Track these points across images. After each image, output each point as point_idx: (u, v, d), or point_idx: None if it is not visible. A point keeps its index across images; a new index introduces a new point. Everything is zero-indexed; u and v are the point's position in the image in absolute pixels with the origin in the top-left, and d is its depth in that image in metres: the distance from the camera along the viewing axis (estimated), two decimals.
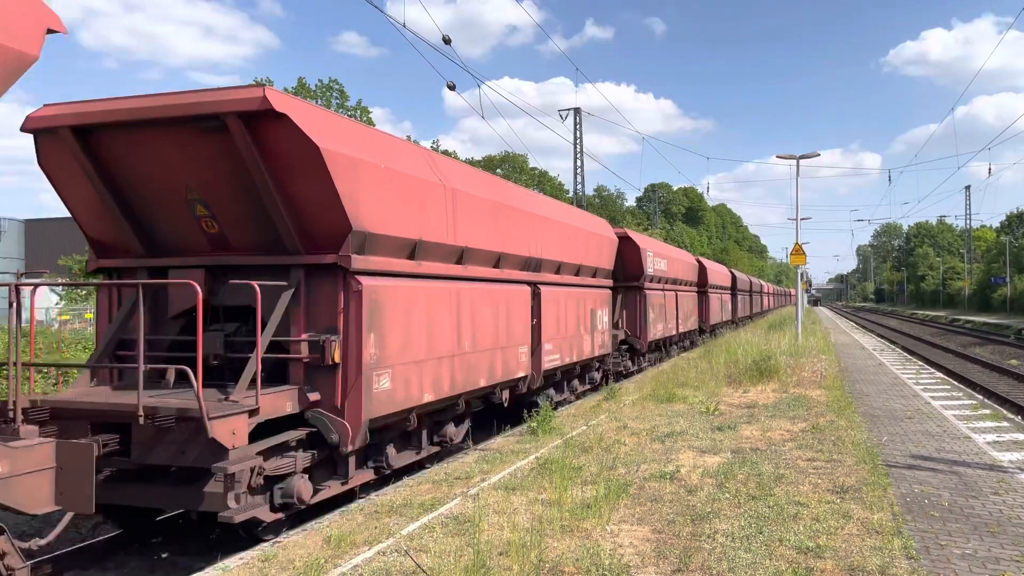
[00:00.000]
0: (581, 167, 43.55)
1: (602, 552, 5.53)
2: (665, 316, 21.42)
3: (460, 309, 9.07)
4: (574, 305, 13.71)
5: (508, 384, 10.82)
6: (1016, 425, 11.20)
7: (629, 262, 18.62)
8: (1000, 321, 51.06)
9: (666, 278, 21.82)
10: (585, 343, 14.37)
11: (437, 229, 8.54)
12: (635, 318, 18.98)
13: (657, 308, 20.32)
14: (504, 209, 10.54)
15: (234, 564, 5.71)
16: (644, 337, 19.16)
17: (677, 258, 24.50)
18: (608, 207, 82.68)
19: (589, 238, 14.88)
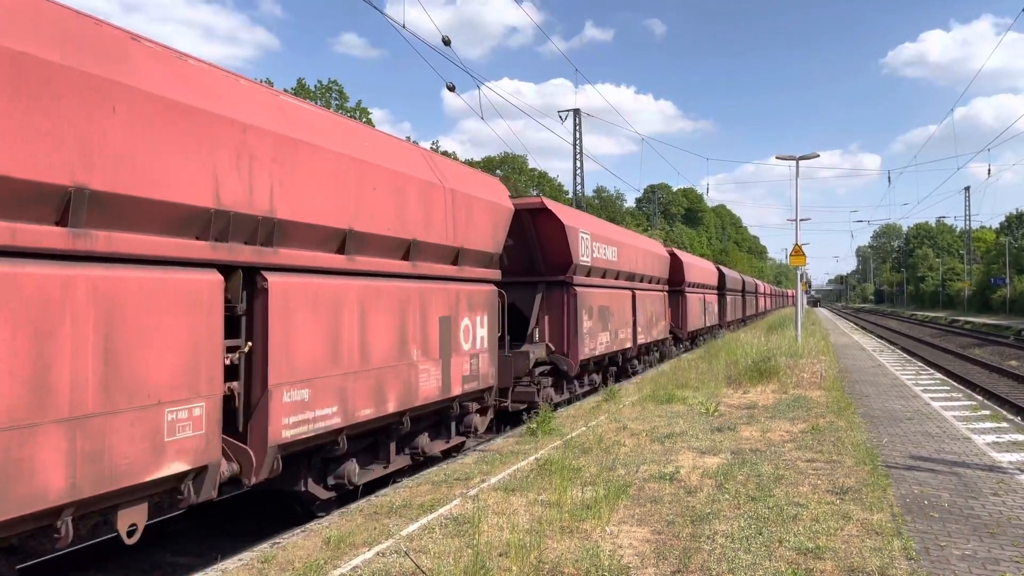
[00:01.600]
0: (580, 168, 43.56)
1: (602, 553, 5.52)
2: (612, 322, 16.05)
3: None
4: (383, 313, 7.55)
5: None
6: (1016, 426, 11.20)
7: (551, 247, 13.34)
8: (1000, 322, 51.08)
9: (617, 271, 16.61)
10: (418, 376, 8.23)
11: None
12: (561, 327, 13.52)
13: (598, 312, 14.96)
14: None
15: (233, 565, 5.71)
16: (574, 354, 13.60)
17: (635, 246, 18.59)
18: (608, 208, 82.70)
19: (445, 201, 8.71)
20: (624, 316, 17.10)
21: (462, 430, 9.90)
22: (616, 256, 16.33)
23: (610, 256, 15.91)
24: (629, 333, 17.61)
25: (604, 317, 15.37)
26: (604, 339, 15.41)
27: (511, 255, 12.39)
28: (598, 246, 14.98)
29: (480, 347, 9.76)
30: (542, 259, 13.44)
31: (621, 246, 16.83)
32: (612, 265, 16.06)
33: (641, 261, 18.90)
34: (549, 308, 13.54)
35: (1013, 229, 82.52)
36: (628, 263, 17.37)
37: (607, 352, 15.83)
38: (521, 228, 12.83)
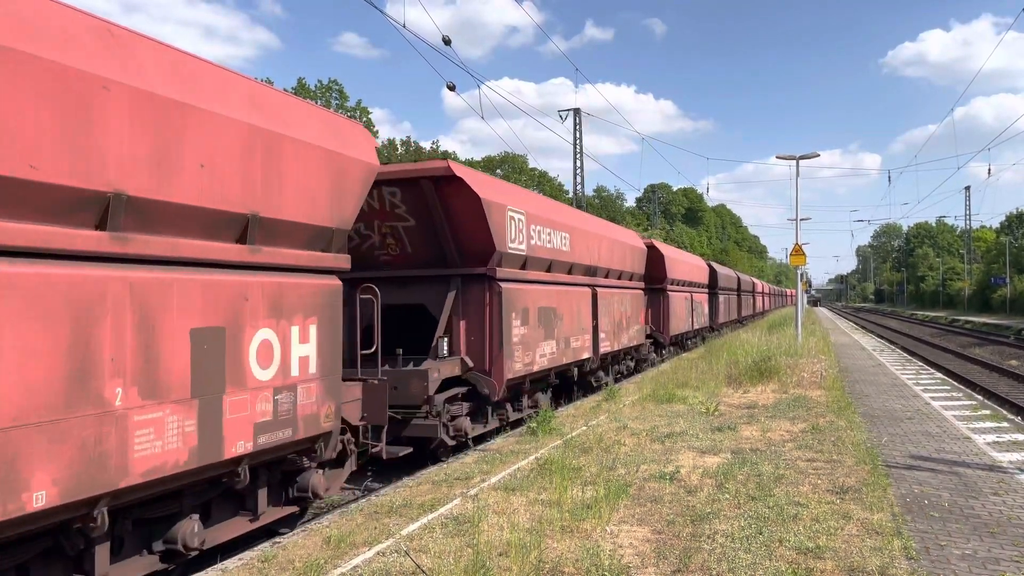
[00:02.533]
0: (581, 168, 43.55)
1: (602, 553, 5.52)
2: (560, 328, 12.55)
3: None
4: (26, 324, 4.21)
5: None
6: (1016, 426, 11.20)
7: (465, 228, 10.07)
8: (1000, 322, 51.07)
9: (570, 264, 13.31)
10: (126, 433, 4.79)
11: None
12: (483, 336, 10.31)
13: (537, 315, 11.49)
14: None
15: (233, 565, 5.71)
16: (499, 371, 10.25)
17: (597, 234, 15.23)
18: (608, 208, 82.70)
19: (217, 134, 5.49)
20: (579, 320, 13.65)
21: (295, 495, 6.92)
22: (568, 244, 13.18)
23: (559, 244, 12.75)
24: (587, 341, 14.17)
25: (548, 322, 11.97)
26: (548, 350, 11.97)
27: (414, 240, 10.05)
28: (540, 230, 11.80)
29: (302, 373, 6.38)
30: (454, 245, 10.04)
31: (575, 233, 13.56)
32: (561, 256, 12.88)
33: (606, 252, 15.74)
34: (466, 311, 10.16)
35: (1013, 229, 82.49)
36: (586, 254, 14.28)
37: (553, 366, 12.35)
38: (425, 204, 9.76)
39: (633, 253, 18.44)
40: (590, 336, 14.48)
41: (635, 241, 19.32)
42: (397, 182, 9.76)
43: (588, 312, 14.38)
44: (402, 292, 10.29)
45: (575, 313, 13.50)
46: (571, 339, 13.26)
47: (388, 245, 10.40)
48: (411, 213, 9.93)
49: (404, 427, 9.35)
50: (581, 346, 13.90)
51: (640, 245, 19.54)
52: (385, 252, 10.43)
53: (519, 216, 11.00)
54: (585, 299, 14.23)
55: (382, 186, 9.72)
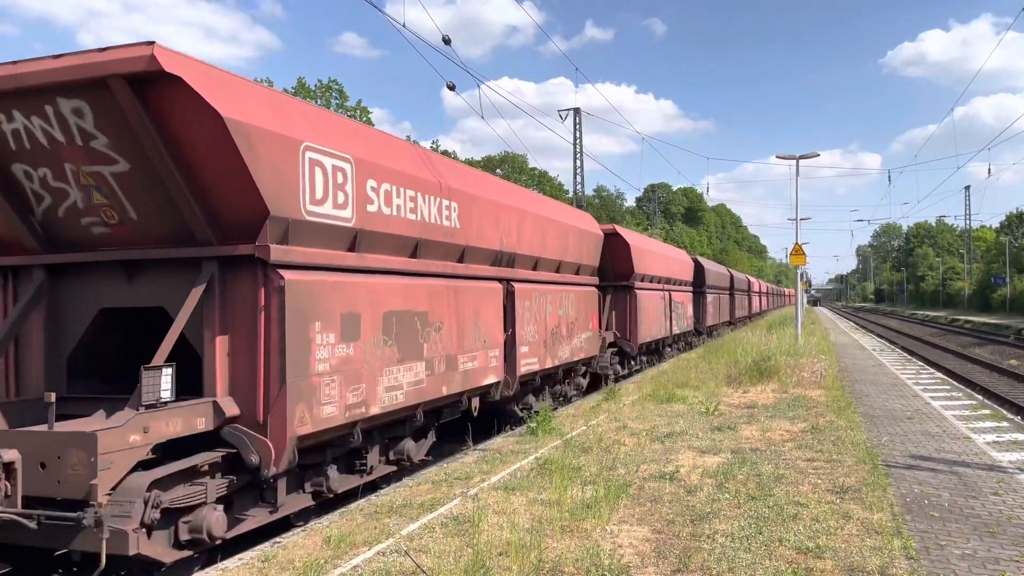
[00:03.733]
0: (581, 167, 43.55)
1: (602, 552, 5.53)
2: (432, 346, 8.44)
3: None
4: None
5: None
6: (1016, 425, 11.20)
7: (207, 166, 5.97)
8: (1000, 321, 51.08)
9: (447, 245, 9.02)
10: None
11: None
12: (253, 369, 6.10)
13: (382, 329, 7.40)
14: None
15: (233, 564, 5.71)
16: (280, 431, 5.99)
17: (515, 207, 11.18)
18: (608, 207, 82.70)
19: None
20: (478, 329, 9.57)
21: None
22: (455, 219, 8.96)
23: (434, 216, 8.48)
24: (493, 358, 10.09)
25: (407, 334, 7.78)
26: (406, 378, 7.76)
27: (137, 197, 6.02)
28: (391, 191, 7.58)
29: None
30: (198, 207, 5.95)
31: (474, 204, 9.47)
32: (438, 234, 8.58)
33: (533, 235, 11.71)
34: (225, 319, 6.14)
35: (1013, 228, 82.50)
36: (493, 235, 10.19)
37: (421, 401, 8.11)
38: (131, 130, 5.68)
39: (582, 240, 14.29)
40: (500, 351, 10.31)
41: (586, 224, 15.09)
42: (74, 88, 5.59)
43: (496, 317, 10.19)
44: (128, 287, 6.44)
45: (469, 319, 9.29)
46: (460, 358, 9.00)
47: (98, 207, 6.17)
48: (118, 148, 5.75)
49: None
50: (480, 367, 9.59)
51: (594, 231, 15.39)
52: (97, 219, 6.26)
53: (335, 163, 6.71)
54: (490, 299, 10.03)
55: (56, 97, 5.65)
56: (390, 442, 8.31)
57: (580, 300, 14.31)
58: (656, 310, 20.73)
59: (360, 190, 7.05)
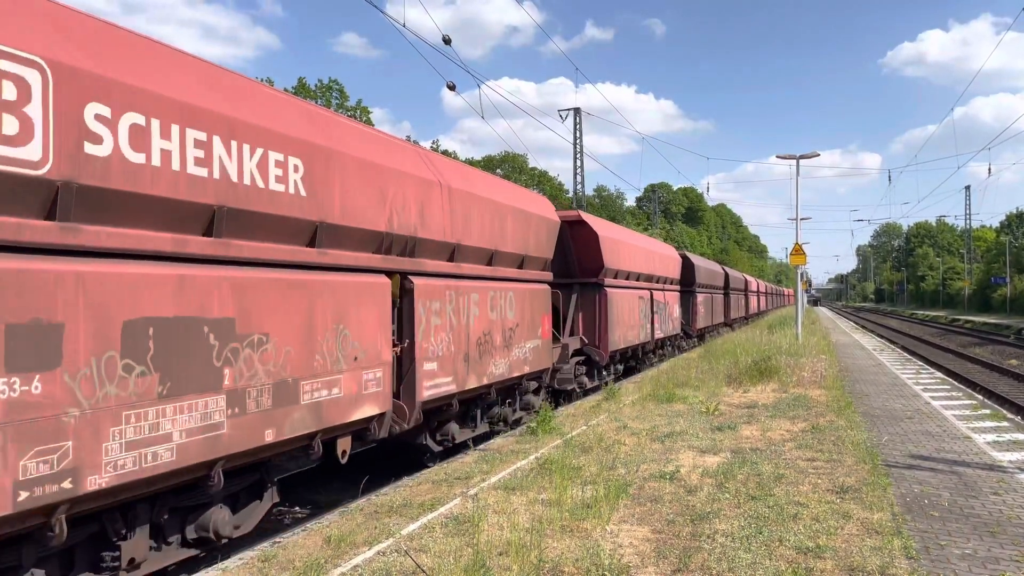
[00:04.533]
0: (581, 167, 43.55)
1: (602, 552, 5.53)
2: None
3: None
4: None
5: None
6: (1016, 425, 11.20)
7: None
8: (1000, 321, 51.07)
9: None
10: None
11: None
12: None
13: (151, 353, 4.85)
14: None
15: (234, 564, 5.71)
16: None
17: (376, 165, 7.48)
18: (608, 207, 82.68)
19: None
20: (348, 343, 6.96)
21: None
22: (297, 182, 6.29)
23: (271, 181, 6.02)
24: (373, 383, 7.37)
25: (164, 359, 5.01)
26: (166, 428, 5.00)
27: None
28: (122, 120, 4.76)
29: None
30: None
31: (317, 156, 6.55)
32: (261, 203, 5.91)
33: (439, 213, 8.74)
34: None
35: (1013, 228, 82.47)
36: (377, 211, 7.43)
37: (207, 460, 5.37)
38: None
39: (528, 226, 11.55)
40: (386, 371, 7.58)
41: (536, 207, 12.29)
42: None
43: (379, 324, 7.44)
44: None
45: (326, 328, 6.61)
46: (305, 385, 6.32)
47: None
48: None
49: None
50: (346, 396, 6.87)
51: (547, 215, 12.67)
52: None
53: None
54: (368, 299, 7.29)
55: None
56: (172, 518, 5.73)
57: (524, 301, 11.41)
58: (633, 311, 17.95)
59: (67, 118, 4.37)
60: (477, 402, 10.37)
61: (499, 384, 10.54)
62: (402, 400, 8.04)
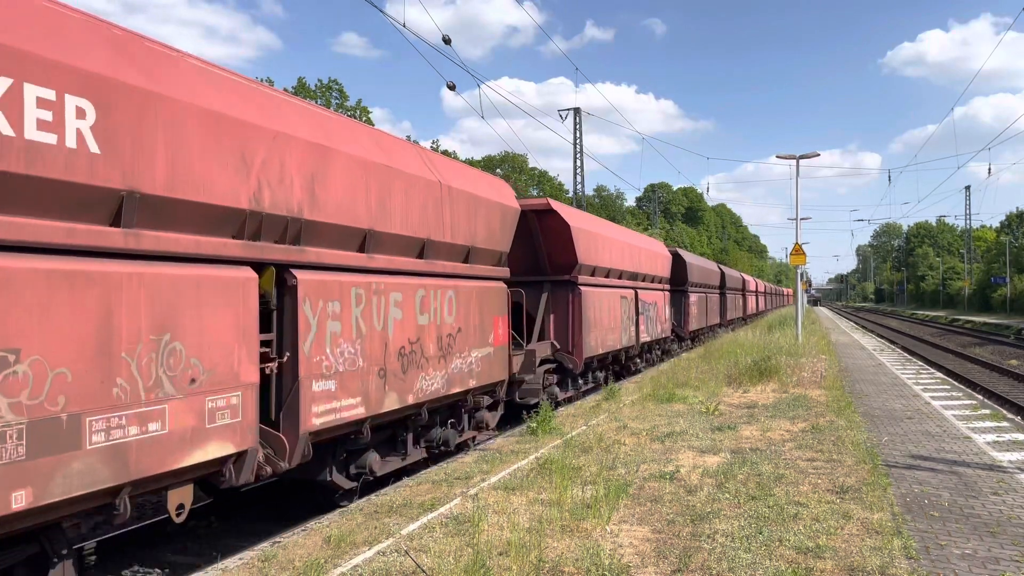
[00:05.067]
0: (581, 167, 43.55)
1: (602, 552, 5.52)
2: None
3: None
4: None
5: None
6: (1016, 425, 11.20)
7: None
8: (1000, 321, 51.08)
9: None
10: None
11: None
12: None
13: None
14: None
15: (234, 564, 5.71)
16: None
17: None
18: (608, 207, 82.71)
19: None
20: (182, 362, 5.19)
21: None
22: (61, 124, 4.37)
23: (24, 128, 4.18)
24: (224, 413, 5.54)
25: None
26: None
27: None
28: None
29: None
30: None
31: (117, 95, 4.72)
32: None
33: (342, 187, 7.02)
34: None
35: (1013, 228, 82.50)
36: (194, 172, 5.33)
37: None
38: None
39: (476, 212, 9.70)
40: (248, 396, 5.82)
41: (489, 190, 10.40)
42: None
43: (239, 333, 5.74)
44: None
45: (142, 343, 4.91)
46: (92, 422, 4.56)
47: None
48: None
49: None
50: (169, 435, 5.09)
51: (504, 201, 10.75)
52: None
53: None
54: (217, 298, 5.55)
55: None
56: None
57: (471, 301, 9.61)
58: (615, 313, 16.24)
59: None
60: (408, 425, 8.60)
61: (434, 402, 8.73)
62: (282, 431, 6.25)
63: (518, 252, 12.75)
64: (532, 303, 13.40)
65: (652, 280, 20.56)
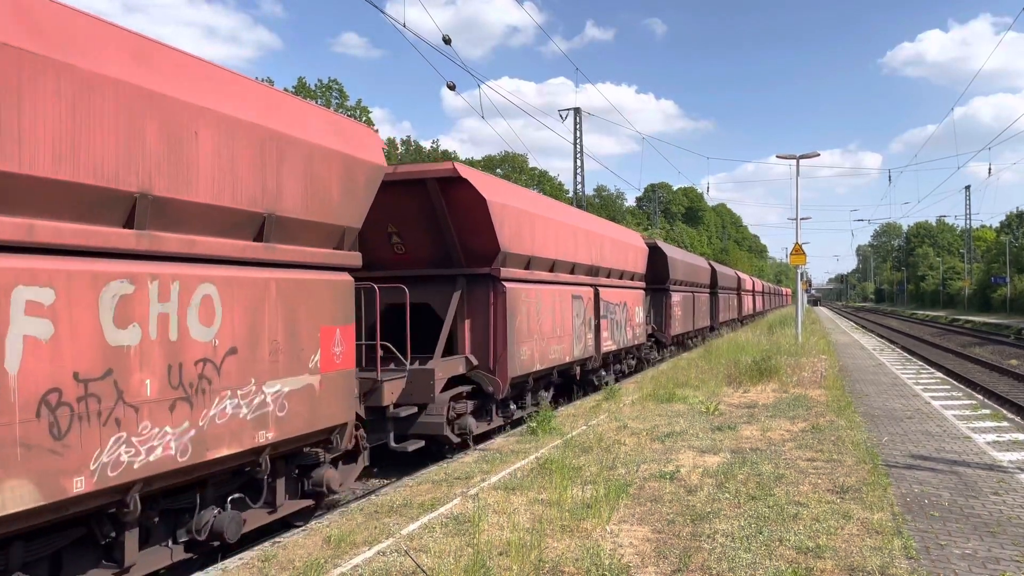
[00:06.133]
0: (581, 167, 43.55)
1: (602, 552, 5.52)
2: None
3: None
4: None
5: None
6: (1016, 425, 11.20)
7: None
8: (1000, 321, 51.07)
9: None
10: None
11: None
12: None
13: None
14: None
15: (234, 564, 5.71)
16: None
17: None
18: (608, 207, 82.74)
19: None
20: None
21: None
22: None
23: None
24: None
25: None
26: None
27: None
28: None
29: None
30: None
31: None
32: None
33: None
34: None
35: (1013, 228, 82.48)
36: None
37: None
38: None
39: (271, 157, 6.22)
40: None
41: (310, 130, 6.75)
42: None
43: None
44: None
45: None
46: None
47: None
48: None
49: None
50: None
51: (351, 151, 7.25)
52: None
53: None
54: None
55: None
56: None
57: (261, 304, 6.13)
58: (560, 316, 12.86)
59: None
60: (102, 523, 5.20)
61: (158, 479, 5.27)
62: None
63: (419, 236, 10.41)
64: (442, 305, 10.44)
65: (621, 276, 17.33)
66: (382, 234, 10.43)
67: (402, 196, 10.02)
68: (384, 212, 9.63)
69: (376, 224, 9.68)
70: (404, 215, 10.32)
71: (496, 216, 10.23)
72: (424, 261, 10.60)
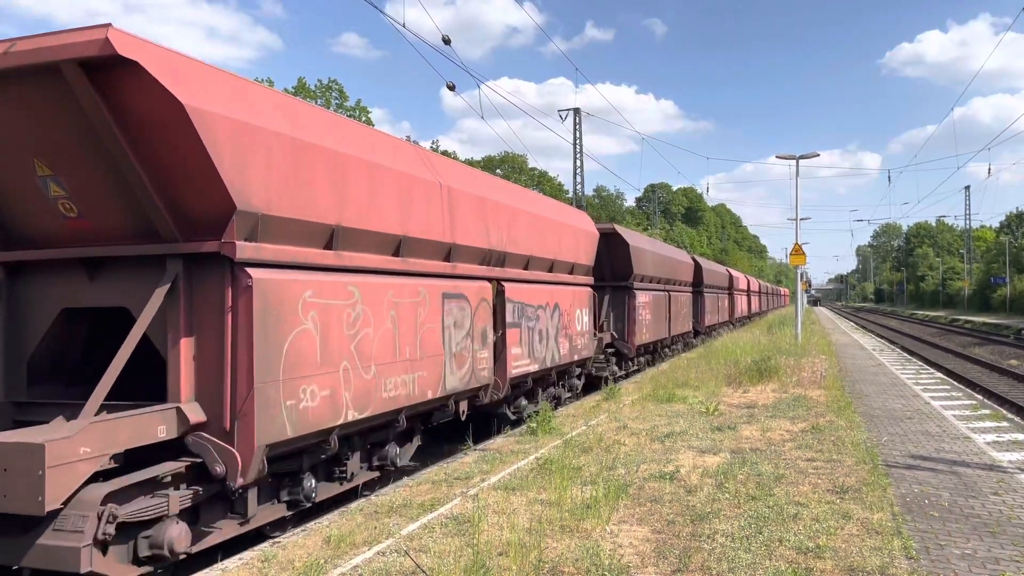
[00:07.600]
0: (581, 167, 43.55)
1: (602, 552, 5.52)
2: None
3: None
4: None
5: None
6: (1016, 425, 11.20)
7: None
8: (1000, 321, 51.09)
9: None
10: None
11: None
12: None
13: None
14: None
15: (233, 565, 5.71)
16: None
17: None
18: (608, 207, 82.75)
19: None
20: None
21: None
22: None
23: None
24: None
25: None
26: None
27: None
28: None
29: None
30: None
31: None
32: None
33: None
34: None
35: (1013, 228, 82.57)
36: None
37: None
38: None
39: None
40: None
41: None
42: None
43: None
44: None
45: None
46: None
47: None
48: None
49: None
50: None
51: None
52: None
53: None
54: None
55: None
56: None
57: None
58: (411, 327, 7.84)
59: None
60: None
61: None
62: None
63: (96, 184, 4.88)
64: (141, 308, 6.90)
65: (551, 268, 12.69)
66: (29, 181, 5.70)
67: (38, 103, 5.31)
68: (20, 134, 5.47)
69: (13, 160, 5.61)
70: (58, 143, 5.47)
71: (217, 139, 5.35)
72: (116, 231, 5.84)
